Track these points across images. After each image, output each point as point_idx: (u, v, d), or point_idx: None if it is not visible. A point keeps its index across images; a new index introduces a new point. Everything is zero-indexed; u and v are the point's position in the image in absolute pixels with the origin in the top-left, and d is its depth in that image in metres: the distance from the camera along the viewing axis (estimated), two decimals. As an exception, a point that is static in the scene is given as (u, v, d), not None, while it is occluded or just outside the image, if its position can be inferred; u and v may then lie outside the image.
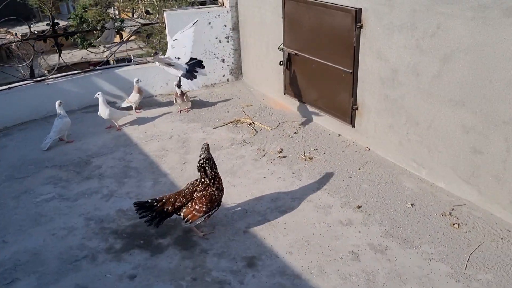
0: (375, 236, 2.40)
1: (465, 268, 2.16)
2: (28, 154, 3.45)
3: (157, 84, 4.40)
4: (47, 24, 3.90)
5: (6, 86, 3.94)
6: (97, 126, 3.86)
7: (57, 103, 3.48)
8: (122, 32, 16.95)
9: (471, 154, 2.53)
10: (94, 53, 9.67)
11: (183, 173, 3.10)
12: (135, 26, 4.99)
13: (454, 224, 2.45)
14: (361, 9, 2.93)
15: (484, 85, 2.34)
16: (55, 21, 3.99)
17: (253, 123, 3.75)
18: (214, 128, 3.73)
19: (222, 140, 3.52)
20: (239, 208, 2.68)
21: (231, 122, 3.79)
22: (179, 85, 3.70)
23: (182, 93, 3.88)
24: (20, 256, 2.38)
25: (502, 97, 2.27)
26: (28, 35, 3.85)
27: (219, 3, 4.41)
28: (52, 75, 4.14)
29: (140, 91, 3.94)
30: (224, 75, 4.60)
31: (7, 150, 3.53)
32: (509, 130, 2.30)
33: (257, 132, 3.60)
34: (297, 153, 3.26)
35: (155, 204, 2.35)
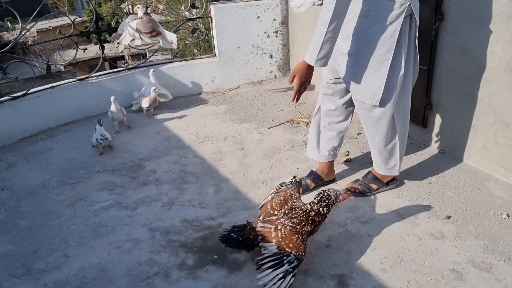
0: (474, 251, 2.17)
1: None
2: (76, 157, 3.28)
3: (202, 81, 4.19)
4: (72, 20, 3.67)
5: (49, 85, 3.76)
6: (143, 126, 3.67)
7: (112, 98, 3.36)
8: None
9: None
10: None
11: (246, 178, 2.89)
12: (165, 22, 4.77)
13: (562, 238, 2.21)
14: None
15: None
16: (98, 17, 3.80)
17: (311, 121, 3.52)
18: (269, 128, 3.52)
19: (281, 142, 3.31)
20: (327, 230, 2.45)
21: (287, 121, 3.57)
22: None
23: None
24: (86, 272, 2.19)
25: None
26: (72, 31, 3.65)
27: (267, -4, 4.19)
28: (94, 73, 3.95)
29: (155, 100, 3.71)
30: (271, 72, 4.38)
31: (54, 153, 3.36)
32: None
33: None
34: (365, 156, 3.03)
35: (241, 239, 2.10)
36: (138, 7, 3.62)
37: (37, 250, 2.36)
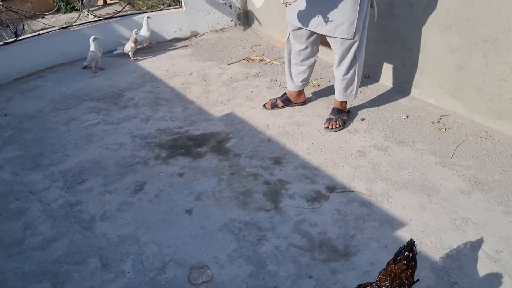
0: (377, 139, 2.92)
1: (451, 158, 2.69)
2: (65, 91, 3.88)
3: (171, 30, 4.79)
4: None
5: (36, 33, 4.31)
6: (122, 66, 4.27)
7: (91, 38, 3.95)
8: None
9: (456, 71, 3.02)
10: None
11: (208, 101, 3.56)
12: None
13: (441, 128, 2.97)
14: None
15: (467, 10, 2.81)
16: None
17: (264, 59, 4.19)
18: (229, 65, 4.17)
19: (237, 74, 3.97)
20: (261, 124, 3.16)
21: (244, 59, 4.23)
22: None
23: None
24: (83, 164, 2.86)
25: (481, 18, 2.74)
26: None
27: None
28: (75, 23, 4.50)
29: (135, 40, 4.31)
30: (232, 20, 5.00)
31: (46, 88, 3.95)
32: (487, 47, 2.78)
33: (267, 64, 4.05)
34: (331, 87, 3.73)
35: None
36: None
37: (42, 153, 3.01)
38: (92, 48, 4.04)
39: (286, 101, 3.33)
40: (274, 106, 3.33)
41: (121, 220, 2.38)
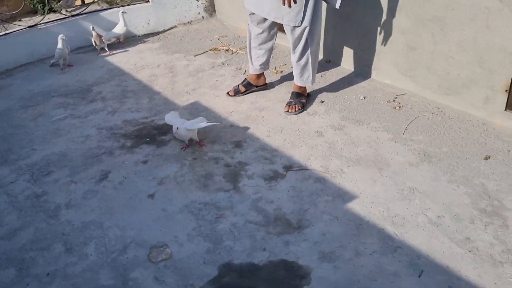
0: (335, 120, 3.03)
1: (403, 134, 2.81)
2: (34, 88, 3.92)
3: (139, 25, 4.85)
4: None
5: (3, 32, 4.35)
6: (90, 62, 4.33)
7: (59, 36, 4.00)
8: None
9: (407, 51, 3.14)
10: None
11: (173, 91, 3.64)
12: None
13: (396, 107, 3.09)
14: None
15: (413, -9, 2.93)
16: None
17: (230, 49, 4.28)
18: (195, 56, 4.25)
19: (204, 65, 4.05)
20: (224, 111, 3.26)
21: (210, 50, 4.31)
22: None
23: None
24: (50, 157, 2.93)
25: (427, -1, 2.87)
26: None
27: None
28: (42, 21, 4.55)
29: (97, 37, 4.38)
30: (199, 13, 5.07)
31: (14, 87, 3.99)
32: (434, 26, 2.91)
33: (233, 54, 4.14)
34: (269, 69, 3.83)
35: None
36: None
37: (10, 149, 3.07)
38: (59, 45, 4.09)
39: (248, 85, 3.43)
40: (237, 92, 3.42)
41: (86, 208, 2.47)
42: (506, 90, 2.67)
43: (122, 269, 2.07)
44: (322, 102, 3.25)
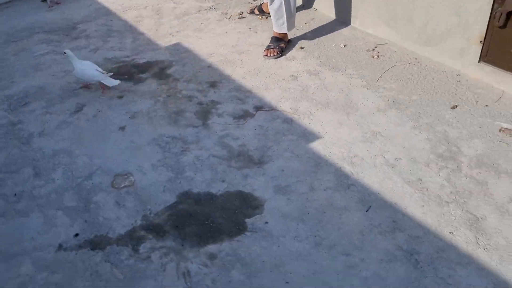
0: (312, 65, 3.04)
1: (376, 81, 2.83)
2: (18, 24, 3.93)
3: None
4: None
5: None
6: (78, 1, 4.30)
7: None
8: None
9: (390, 1, 3.11)
10: None
11: (158, 32, 3.64)
12: None
13: (374, 56, 3.09)
14: None
15: None
16: None
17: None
18: (183, -1, 4.22)
19: (191, 8, 4.02)
20: (205, 53, 3.27)
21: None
22: None
23: None
24: (29, 89, 2.98)
25: None
26: None
27: None
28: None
29: None
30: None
31: None
32: (417, -26, 2.87)
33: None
34: (254, 15, 3.80)
35: None
36: None
37: (-10, 80, 3.11)
38: None
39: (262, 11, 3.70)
40: (252, 12, 3.75)
41: (58, 137, 2.54)
42: (480, 41, 2.67)
43: (86, 193, 2.15)
44: (302, 48, 3.25)
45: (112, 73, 2.89)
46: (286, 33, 3.24)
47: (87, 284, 1.77)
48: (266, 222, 1.96)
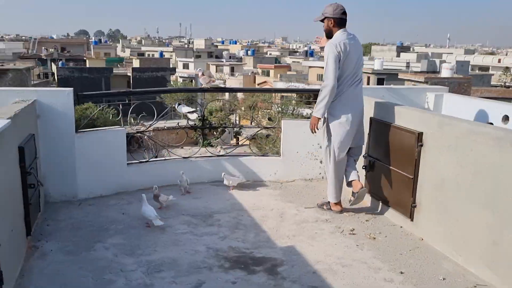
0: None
1: (469, 320, 2.95)
2: (168, 205, 4.87)
3: (267, 172, 5.74)
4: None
5: (163, 158, 5.56)
6: (218, 194, 5.22)
7: (180, 172, 5.11)
8: (239, 137, 19.63)
9: (492, 246, 3.37)
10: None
11: (277, 232, 4.24)
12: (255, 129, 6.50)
13: (471, 294, 3.25)
14: (422, 132, 4.05)
15: (500, 192, 3.27)
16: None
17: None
18: (305, 208, 4.88)
19: (310, 217, 4.64)
20: (313, 259, 3.72)
21: (318, 206, 4.92)
22: None
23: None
24: (165, 259, 3.65)
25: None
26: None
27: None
28: (195, 155, 5.70)
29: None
30: (320, 173, 5.82)
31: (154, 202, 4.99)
32: (516, 227, 3.16)
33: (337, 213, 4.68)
34: (365, 233, 4.25)
35: None
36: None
37: (138, 245, 3.87)
38: (180, 178, 5.11)
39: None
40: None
41: (177, 305, 3.04)
42: None
43: None
44: (402, 273, 3.53)
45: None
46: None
47: None
48: None
